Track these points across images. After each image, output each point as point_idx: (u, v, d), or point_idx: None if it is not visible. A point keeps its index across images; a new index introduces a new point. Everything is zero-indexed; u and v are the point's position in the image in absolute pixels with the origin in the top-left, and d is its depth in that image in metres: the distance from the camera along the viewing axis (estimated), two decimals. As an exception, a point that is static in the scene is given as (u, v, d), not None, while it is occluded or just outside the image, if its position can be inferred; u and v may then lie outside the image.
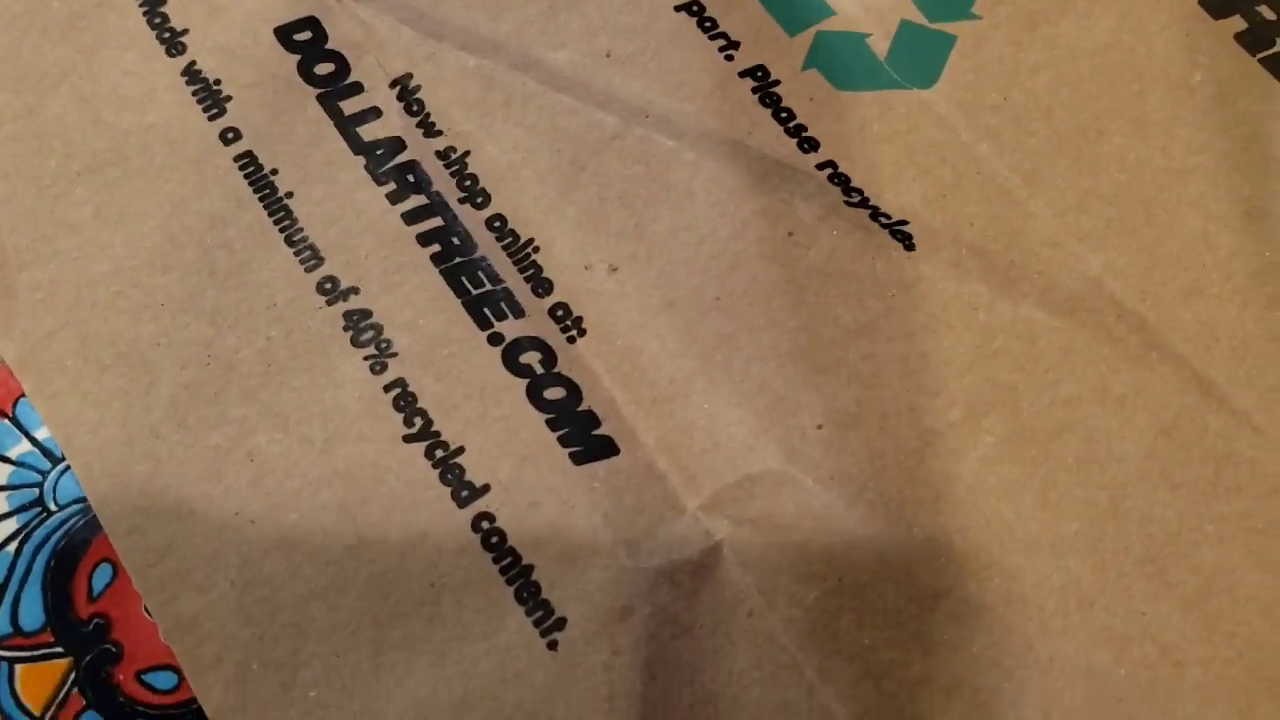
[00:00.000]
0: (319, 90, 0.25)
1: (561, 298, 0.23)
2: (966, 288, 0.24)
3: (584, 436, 0.22)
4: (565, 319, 0.23)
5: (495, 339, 0.23)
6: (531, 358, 0.23)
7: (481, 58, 0.25)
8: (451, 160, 0.24)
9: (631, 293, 0.23)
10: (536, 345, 0.23)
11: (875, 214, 0.24)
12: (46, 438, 0.22)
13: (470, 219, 0.24)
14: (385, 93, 0.25)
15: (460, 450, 0.22)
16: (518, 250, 0.24)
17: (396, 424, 0.22)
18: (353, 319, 0.23)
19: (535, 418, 0.22)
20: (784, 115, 0.25)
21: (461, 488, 0.22)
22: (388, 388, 0.22)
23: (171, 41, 0.25)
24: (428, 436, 0.22)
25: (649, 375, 0.23)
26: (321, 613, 0.21)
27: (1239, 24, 0.27)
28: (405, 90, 0.25)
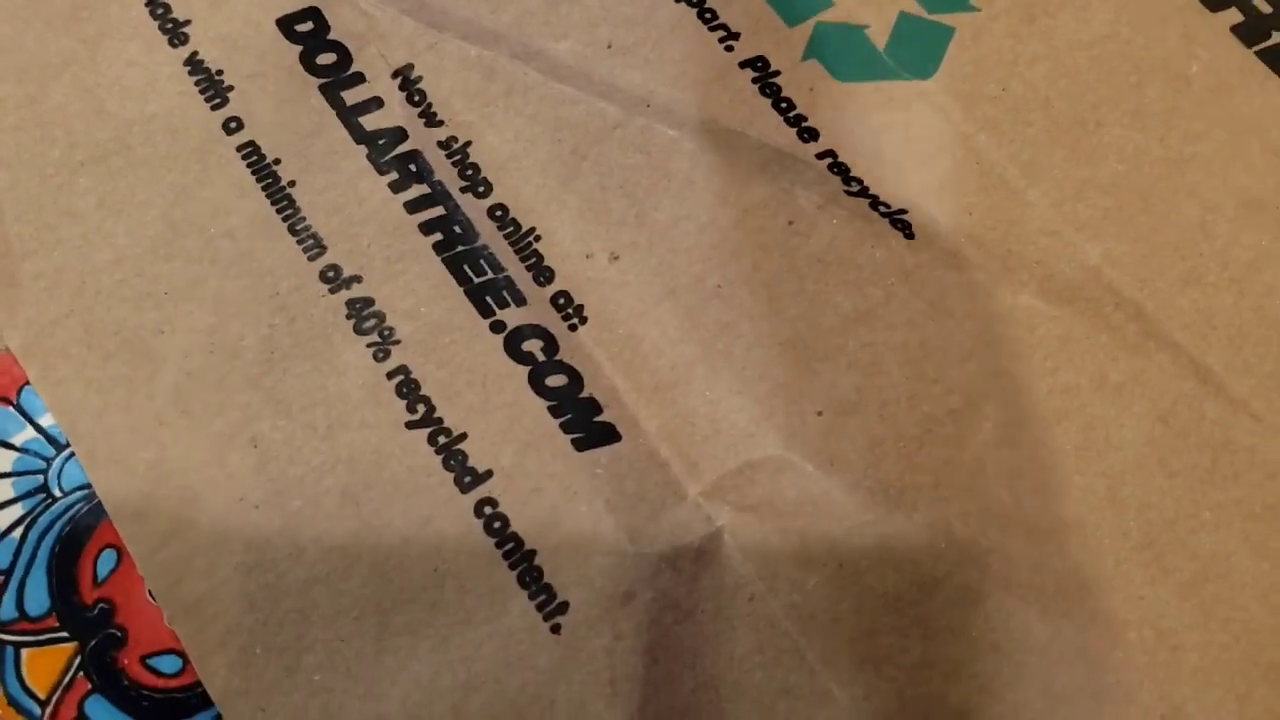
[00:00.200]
0: (321, 80, 0.25)
1: (563, 286, 0.23)
2: (965, 276, 0.24)
3: (586, 423, 0.22)
4: (567, 307, 0.23)
5: (497, 327, 0.23)
6: (533, 345, 0.23)
7: (483, 48, 0.25)
8: (453, 150, 0.24)
9: (633, 281, 0.23)
10: (538, 333, 0.23)
11: (875, 203, 0.25)
12: (51, 425, 0.22)
13: (472, 208, 0.24)
14: (387, 83, 0.25)
15: (463, 437, 0.22)
16: (519, 239, 0.24)
17: (399, 411, 0.22)
18: (355, 307, 0.23)
19: (537, 405, 0.22)
20: (784, 105, 0.25)
21: (464, 474, 0.22)
22: (390, 375, 0.22)
23: (174, 32, 0.25)
24: (430, 423, 0.22)
25: (650, 362, 0.23)
26: (325, 598, 0.21)
27: (1235, 16, 0.27)
28: (407, 80, 0.25)
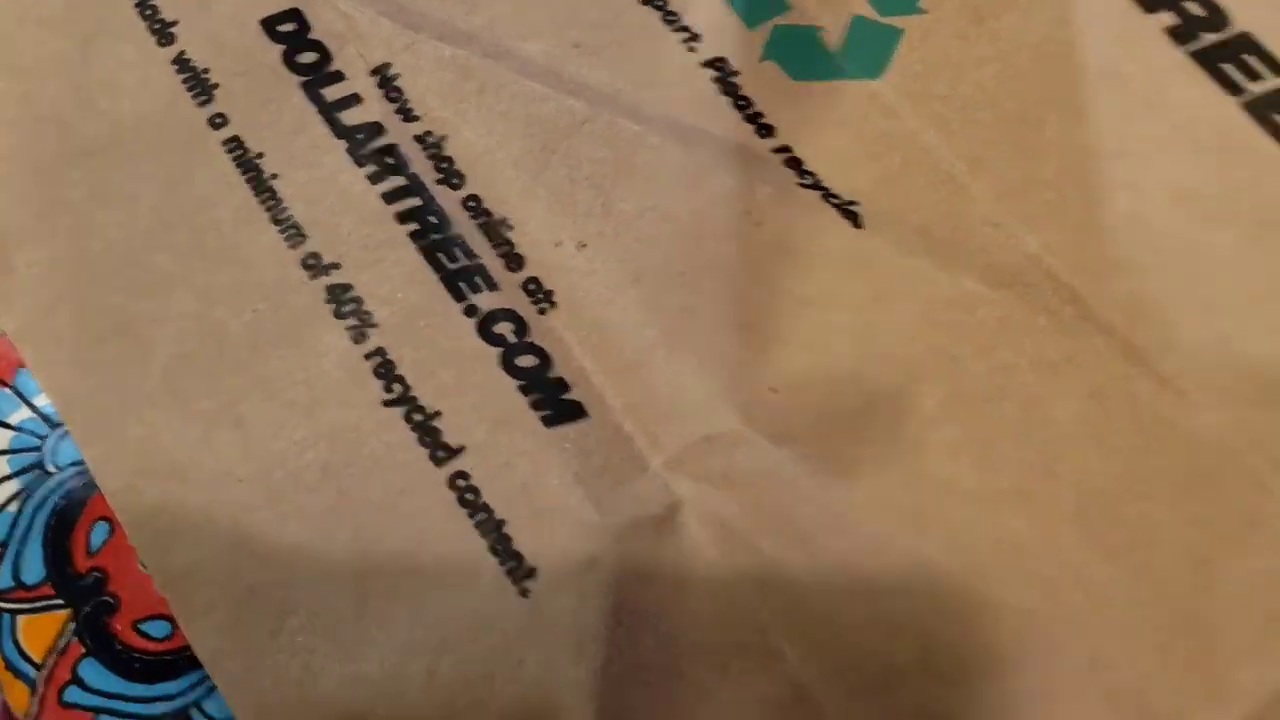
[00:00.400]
0: (303, 79, 0.26)
1: (533, 273, 0.25)
2: (911, 263, 0.25)
3: (554, 401, 0.23)
4: (537, 293, 0.25)
5: (470, 311, 0.24)
6: (505, 328, 0.24)
7: (457, 48, 0.27)
8: (429, 144, 0.26)
9: (600, 268, 0.25)
10: (509, 317, 0.24)
11: (827, 195, 0.26)
12: (45, 405, 0.24)
13: (447, 199, 0.25)
14: (365, 81, 0.26)
15: (437, 414, 0.23)
16: (491, 228, 0.25)
17: (376, 390, 0.23)
18: (334, 293, 0.24)
19: (508, 384, 0.24)
20: (743, 103, 0.27)
21: (438, 449, 0.23)
22: (368, 356, 0.24)
23: (162, 32, 0.27)
24: (406, 401, 0.23)
25: (616, 345, 0.24)
26: (306, 565, 0.22)
27: (1170, 19, 0.29)
28: (385, 79, 0.26)
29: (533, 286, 0.25)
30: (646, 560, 0.22)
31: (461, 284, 0.24)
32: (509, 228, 0.25)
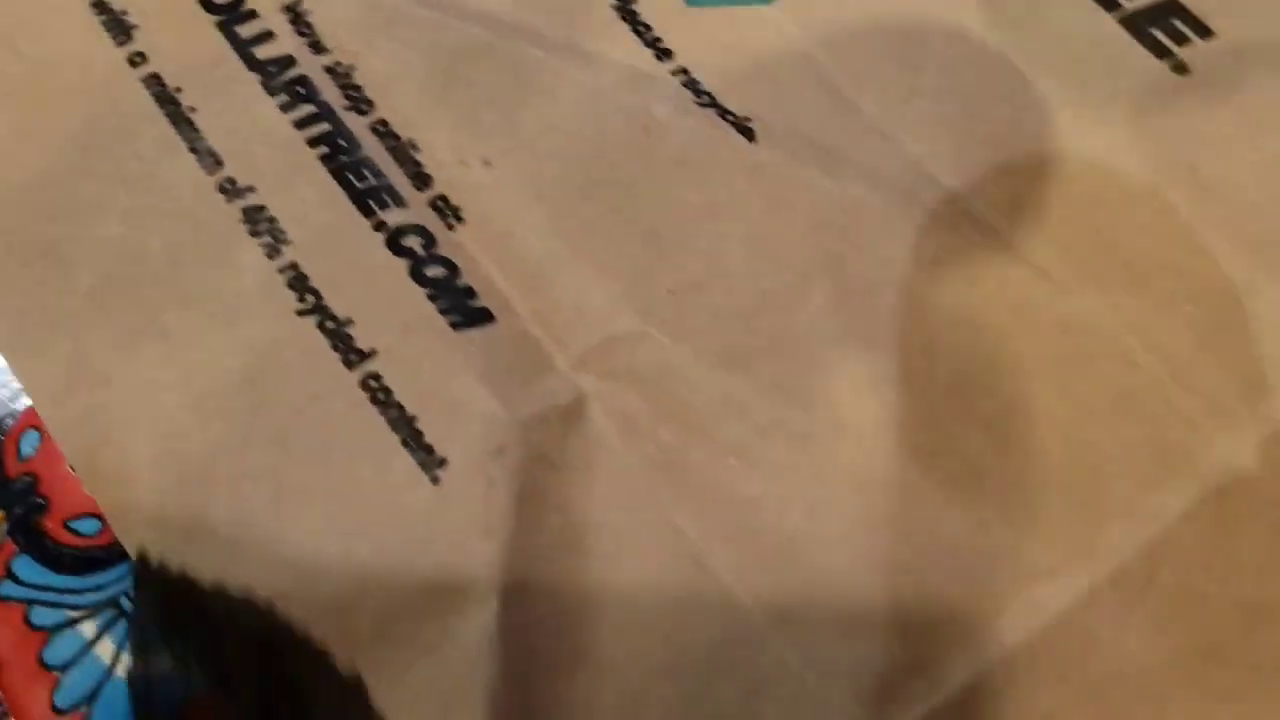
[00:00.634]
0: (218, 18, 0.28)
1: (441, 190, 0.26)
2: (802, 172, 0.27)
3: (462, 307, 0.25)
4: (444, 209, 0.26)
5: (379, 226, 0.25)
6: (413, 241, 0.25)
7: (364, -17, 0.28)
8: (338, 74, 0.27)
9: (505, 184, 0.26)
10: (418, 231, 0.25)
11: (723, 113, 0.27)
12: (-25, 328, 0.25)
13: (355, 124, 0.26)
14: (278, 17, 0.28)
15: (349, 321, 0.24)
16: (399, 150, 0.26)
17: (291, 301, 0.25)
18: (250, 214, 0.26)
19: (417, 292, 0.25)
20: (641, 29, 0.28)
21: (350, 353, 0.24)
22: (282, 270, 0.25)
23: (80, -23, 0.28)
24: (319, 311, 0.25)
25: (522, 256, 0.26)
26: (227, 463, 0.23)
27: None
28: (296, 15, 0.28)
29: (440, 203, 0.26)
30: (553, 450, 0.24)
31: (370, 201, 0.26)
32: (416, 149, 0.26)
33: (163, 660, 0.20)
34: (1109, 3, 0.30)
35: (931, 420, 0.24)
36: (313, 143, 0.26)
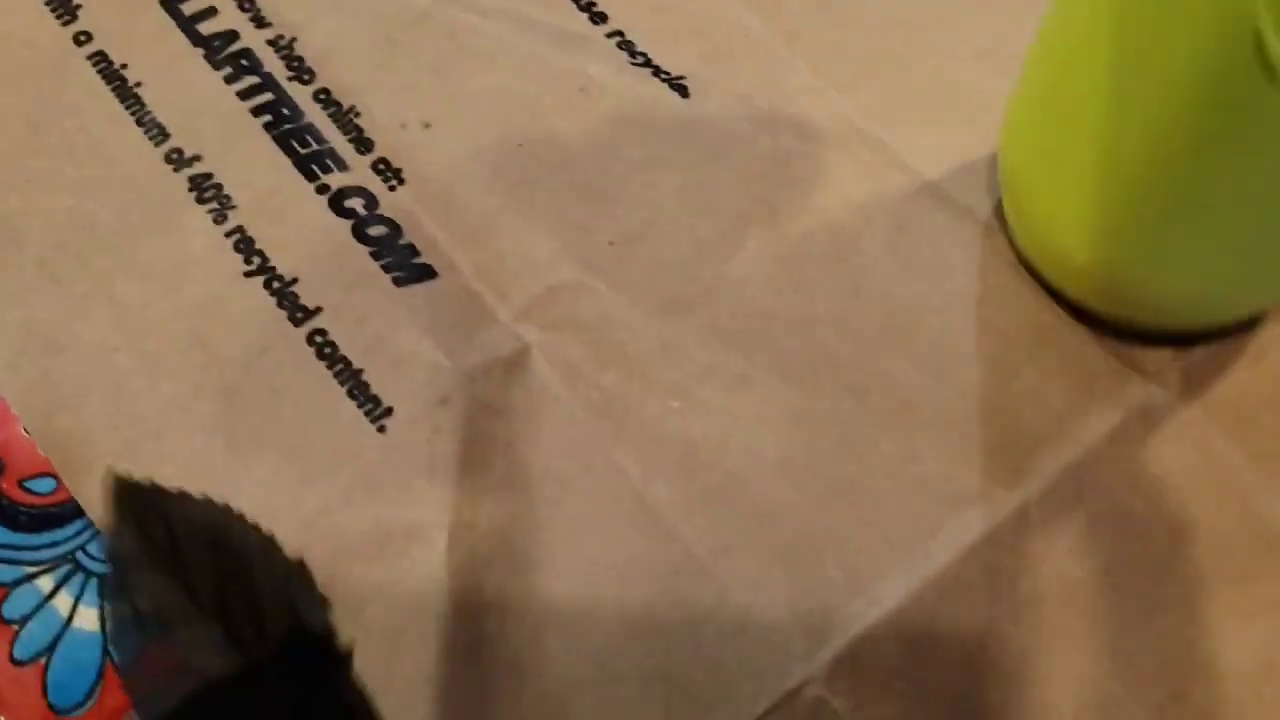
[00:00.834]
0: (160, -4, 0.28)
1: (382, 154, 0.27)
2: (733, 127, 0.28)
3: (405, 264, 0.25)
4: (385, 171, 0.26)
5: (322, 189, 0.26)
6: (356, 203, 0.26)
7: (302, -43, 0.29)
8: (280, 46, 0.28)
9: (444, 145, 0.27)
10: (360, 193, 0.26)
11: (657, 72, 0.28)
12: (-71, 301, 0.25)
13: (298, 93, 0.27)
14: (220, -6, 0.28)
15: (294, 280, 0.25)
16: (341, 116, 0.27)
17: (237, 263, 0.25)
18: (197, 181, 0.26)
19: (360, 251, 0.26)
20: (576, -6, 0.29)
21: (296, 310, 0.25)
22: (229, 234, 0.26)
23: (24, -40, 0.28)
24: (265, 271, 0.25)
25: (462, 213, 0.26)
26: (179, 418, 0.24)
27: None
28: (238, -10, 0.28)
29: (382, 166, 0.27)
30: (497, 398, 0.24)
31: (314, 166, 0.26)
32: (357, 114, 0.27)
33: (123, 608, 0.21)
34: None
35: (864, 358, 0.25)
36: (256, 112, 0.27)
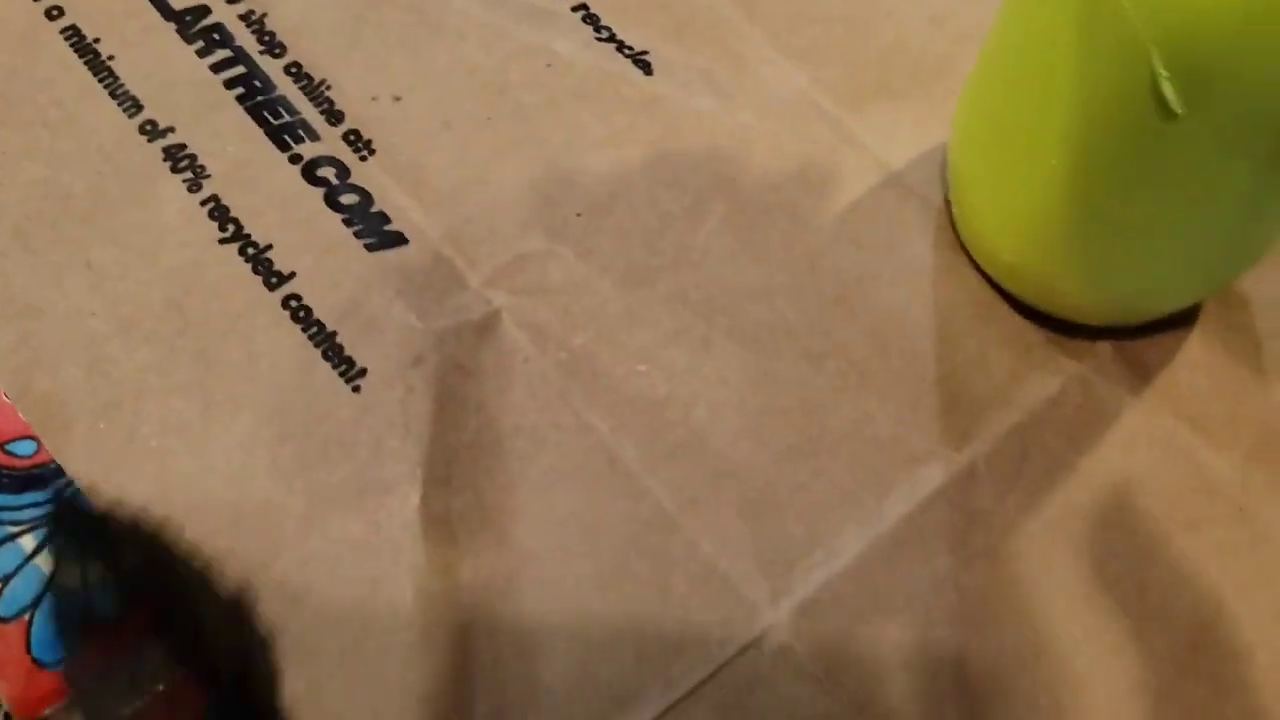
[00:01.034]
0: (132, -29, 0.29)
1: (353, 125, 0.27)
2: (695, 102, 0.29)
3: (377, 231, 0.26)
4: (356, 142, 0.27)
5: (295, 159, 0.27)
6: (327, 172, 0.27)
7: (272, -66, 0.29)
8: (251, 20, 0.28)
9: (414, 117, 0.28)
10: (332, 162, 0.27)
11: (620, 47, 0.29)
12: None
13: (270, 66, 0.28)
14: (191, -31, 0.29)
15: (269, 247, 0.26)
16: (312, 89, 0.28)
17: (212, 230, 0.26)
18: (171, 152, 0.27)
19: (333, 218, 0.26)
20: (542, -28, 0.30)
21: (271, 276, 0.25)
22: (203, 203, 0.26)
23: (-6, -65, 0.29)
24: (240, 239, 0.26)
25: (432, 183, 0.27)
26: (156, 381, 0.24)
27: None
28: (208, -34, 0.29)
29: (353, 137, 0.27)
30: (468, 359, 0.25)
31: (286, 136, 0.27)
32: (328, 87, 0.28)
33: (71, 577, 0.22)
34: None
35: (820, 327, 0.26)
36: (229, 84, 0.27)
